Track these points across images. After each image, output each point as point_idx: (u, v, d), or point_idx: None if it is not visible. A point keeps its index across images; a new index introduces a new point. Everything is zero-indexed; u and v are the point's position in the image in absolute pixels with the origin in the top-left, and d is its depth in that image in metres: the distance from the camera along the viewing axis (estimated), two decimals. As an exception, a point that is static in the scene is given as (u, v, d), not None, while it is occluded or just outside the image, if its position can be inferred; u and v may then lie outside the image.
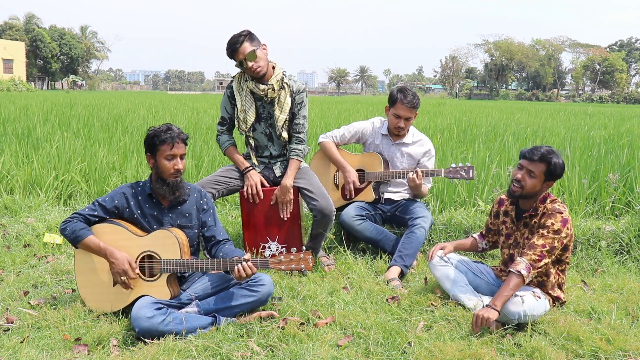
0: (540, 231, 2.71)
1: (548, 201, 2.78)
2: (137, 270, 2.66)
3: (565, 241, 2.72)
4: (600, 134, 10.68)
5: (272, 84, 3.38)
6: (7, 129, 8.56)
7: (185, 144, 2.76)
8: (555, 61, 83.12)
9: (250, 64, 3.26)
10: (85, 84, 73.12)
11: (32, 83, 59.33)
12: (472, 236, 3.24)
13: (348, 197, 3.87)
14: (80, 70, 72.87)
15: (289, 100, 3.45)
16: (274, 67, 3.44)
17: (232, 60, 3.34)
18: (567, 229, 2.70)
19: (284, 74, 3.45)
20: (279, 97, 3.44)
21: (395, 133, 3.83)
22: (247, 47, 3.26)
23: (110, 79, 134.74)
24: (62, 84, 65.35)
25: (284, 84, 3.45)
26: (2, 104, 15.91)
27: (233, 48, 3.27)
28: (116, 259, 2.62)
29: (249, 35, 3.29)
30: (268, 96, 3.41)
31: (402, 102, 3.72)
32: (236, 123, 3.53)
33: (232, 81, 3.53)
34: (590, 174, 5.44)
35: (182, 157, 2.73)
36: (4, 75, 47.51)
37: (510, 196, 2.85)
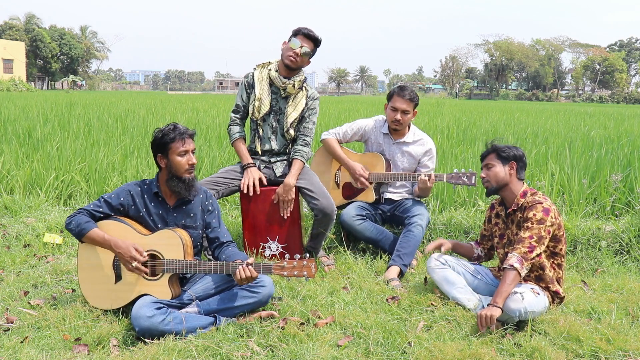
0: (525, 224, 2.77)
1: (529, 194, 2.87)
2: (145, 254, 2.65)
3: (552, 230, 2.76)
4: (601, 134, 10.68)
5: (294, 81, 3.51)
6: (7, 129, 8.56)
7: (193, 140, 2.79)
8: (555, 61, 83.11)
9: (298, 51, 3.44)
10: (85, 84, 73.09)
11: (32, 83, 59.32)
12: (470, 243, 3.27)
13: (362, 187, 3.85)
14: (80, 70, 72.84)
15: (303, 101, 3.60)
16: (300, 70, 3.60)
17: (292, 37, 3.49)
18: (552, 217, 2.75)
19: (305, 79, 3.63)
20: (295, 96, 3.57)
21: (393, 127, 3.81)
22: (312, 45, 3.50)
23: (110, 79, 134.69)
24: (62, 84, 65.32)
25: (304, 87, 3.60)
26: (2, 104, 15.91)
27: (307, 32, 3.47)
28: (121, 248, 2.62)
29: (318, 43, 3.54)
30: (286, 91, 3.52)
31: (398, 94, 3.76)
32: (250, 109, 3.59)
33: (254, 69, 3.63)
34: (590, 174, 5.44)
35: (193, 152, 2.76)
36: (4, 75, 47.51)
37: (487, 195, 2.98)
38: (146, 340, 2.45)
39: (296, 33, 3.48)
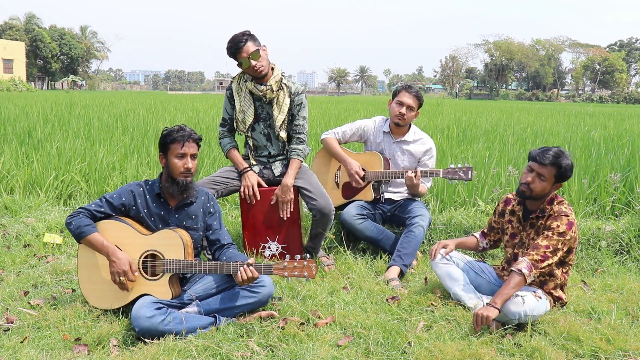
0: (545, 232, 2.72)
1: (555, 203, 2.79)
2: (137, 273, 2.66)
3: (569, 243, 2.73)
4: (600, 133, 10.68)
5: (271, 85, 3.43)
6: (7, 129, 8.56)
7: (198, 145, 2.77)
8: (555, 61, 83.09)
9: (253, 62, 3.31)
10: (85, 84, 73.05)
11: (32, 83, 59.29)
12: (473, 235, 3.24)
13: (356, 185, 3.84)
14: (80, 70, 72.83)
15: (287, 101, 3.50)
16: (272, 68, 3.48)
17: (234, 59, 3.36)
18: (573, 231, 2.71)
19: (282, 75, 3.50)
20: (277, 98, 3.48)
21: (396, 122, 3.82)
22: (250, 46, 3.31)
23: (110, 79, 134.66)
24: (62, 84, 65.26)
25: (283, 85, 3.49)
26: (2, 104, 15.90)
27: (236, 47, 3.30)
28: (117, 259, 2.62)
29: (251, 36, 3.34)
30: (267, 97, 3.45)
31: (406, 90, 3.82)
32: (235, 124, 3.56)
33: (232, 82, 3.56)
34: (590, 174, 5.44)
35: (193, 156, 2.74)
36: (4, 75, 47.49)
37: (519, 196, 2.86)
38: (146, 340, 2.45)
39: (234, 54, 3.31)
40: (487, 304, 2.64)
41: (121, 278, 2.63)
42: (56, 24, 77.42)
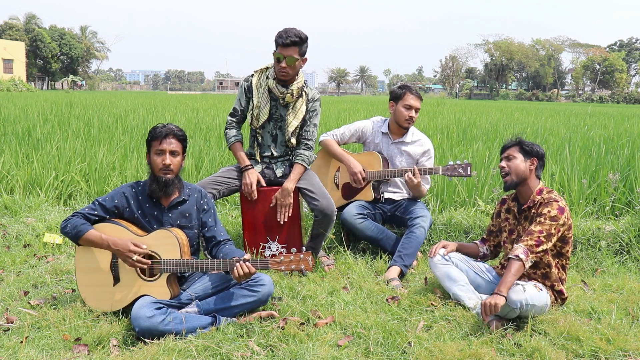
0: (538, 219, 2.77)
1: (545, 192, 2.87)
2: (145, 246, 2.64)
3: (562, 230, 2.76)
4: (600, 133, 10.67)
5: (293, 90, 3.43)
6: (7, 129, 8.56)
7: (180, 141, 2.74)
8: (555, 61, 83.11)
9: (283, 64, 3.31)
10: (85, 84, 73.10)
11: (32, 83, 59.31)
12: (474, 242, 3.26)
13: (356, 185, 3.86)
14: (80, 70, 72.87)
15: (304, 108, 3.51)
16: (297, 74, 3.49)
17: (275, 49, 3.34)
18: (565, 217, 2.76)
19: (305, 83, 3.52)
20: (295, 103, 3.49)
21: (405, 126, 3.84)
22: (293, 51, 3.29)
23: (110, 79, 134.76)
24: (62, 84, 65.29)
25: (303, 92, 3.50)
26: (2, 104, 15.90)
27: (283, 42, 3.27)
28: (118, 245, 2.61)
29: (302, 42, 3.32)
30: (285, 99, 3.45)
31: (410, 92, 3.83)
32: (249, 117, 3.54)
33: (252, 75, 3.55)
34: (590, 174, 5.44)
35: (172, 153, 2.71)
36: (4, 75, 47.49)
37: (506, 189, 2.95)
38: (146, 340, 2.45)
39: (277, 44, 3.31)
40: (493, 292, 2.64)
41: (134, 257, 2.59)
42: (56, 24, 77.44)
